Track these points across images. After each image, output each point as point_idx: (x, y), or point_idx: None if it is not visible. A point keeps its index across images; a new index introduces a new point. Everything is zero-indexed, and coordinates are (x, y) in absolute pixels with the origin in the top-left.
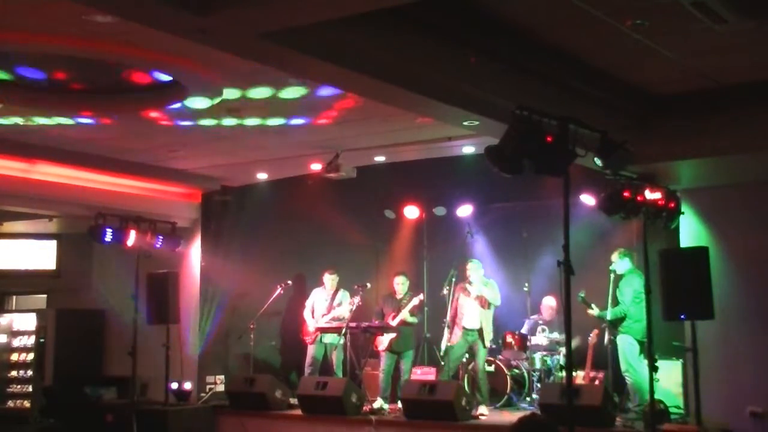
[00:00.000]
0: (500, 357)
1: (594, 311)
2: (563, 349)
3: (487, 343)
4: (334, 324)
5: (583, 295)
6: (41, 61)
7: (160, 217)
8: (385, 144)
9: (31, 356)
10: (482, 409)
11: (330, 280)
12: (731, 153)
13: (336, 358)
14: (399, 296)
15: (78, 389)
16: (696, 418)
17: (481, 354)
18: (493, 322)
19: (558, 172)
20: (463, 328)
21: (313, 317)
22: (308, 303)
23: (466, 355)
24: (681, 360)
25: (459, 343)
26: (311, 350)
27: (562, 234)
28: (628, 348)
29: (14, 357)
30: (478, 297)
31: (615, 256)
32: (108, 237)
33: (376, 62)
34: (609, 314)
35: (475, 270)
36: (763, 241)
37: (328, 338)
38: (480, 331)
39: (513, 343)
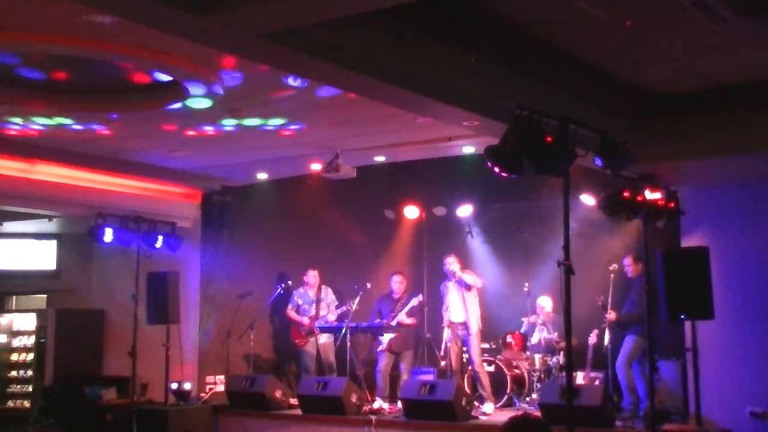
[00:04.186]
0: (500, 357)
1: (611, 315)
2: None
3: (474, 328)
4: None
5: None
6: (41, 61)
7: (160, 217)
8: (385, 144)
9: (31, 356)
10: (486, 407)
11: (314, 276)
12: (731, 153)
13: (330, 356)
14: (396, 296)
15: (78, 389)
16: (696, 418)
17: (473, 344)
18: (489, 318)
19: (558, 172)
20: (451, 322)
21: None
22: (291, 306)
23: (465, 355)
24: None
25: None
26: (305, 353)
27: (562, 234)
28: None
29: (14, 357)
30: (457, 284)
31: (629, 261)
32: (108, 237)
33: (376, 62)
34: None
35: (450, 265)
36: (763, 241)
37: (323, 338)
38: (465, 324)
39: (513, 343)
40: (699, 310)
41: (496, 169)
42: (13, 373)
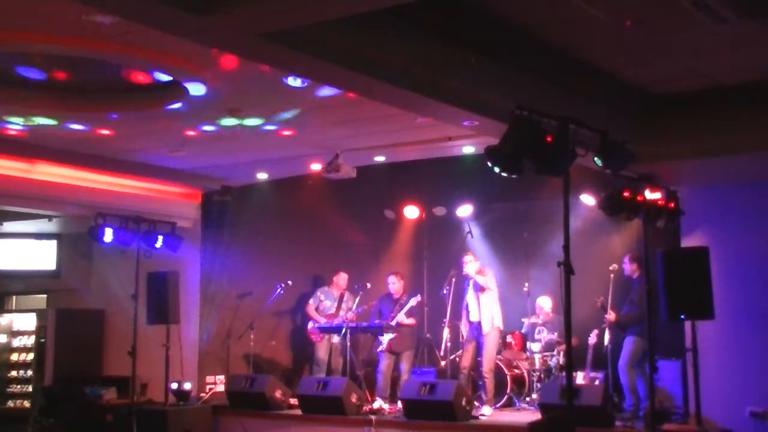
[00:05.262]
0: (500, 357)
1: (611, 315)
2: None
3: (486, 329)
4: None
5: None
6: (41, 61)
7: (160, 217)
8: (385, 144)
9: (31, 356)
10: (485, 410)
11: (344, 279)
12: (731, 153)
13: (339, 360)
14: (396, 296)
15: (78, 389)
16: (696, 418)
17: (487, 347)
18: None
19: (558, 172)
20: (468, 322)
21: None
22: (313, 301)
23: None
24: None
25: (467, 338)
26: (319, 349)
27: (562, 234)
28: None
29: (14, 357)
30: (473, 286)
31: (626, 260)
32: (108, 237)
33: (376, 62)
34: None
35: (466, 265)
36: (763, 241)
37: (337, 338)
38: (479, 324)
39: (513, 343)
40: (699, 310)
41: (496, 169)
42: (13, 373)
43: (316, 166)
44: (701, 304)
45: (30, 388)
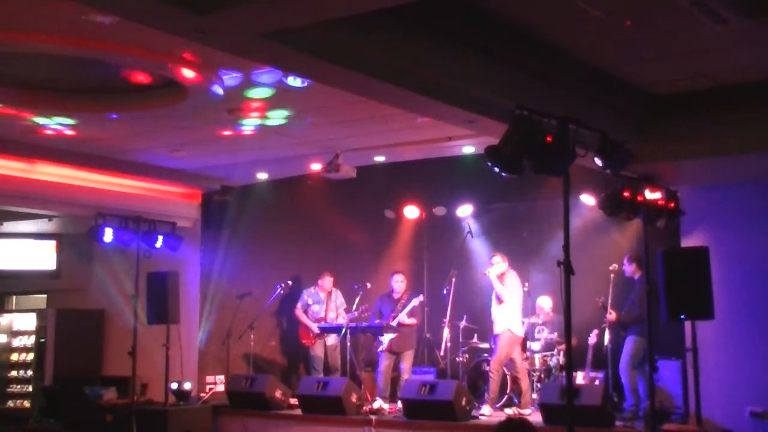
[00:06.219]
0: None
1: (612, 315)
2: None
3: (498, 330)
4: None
5: (602, 300)
6: (41, 61)
7: (160, 217)
8: (385, 144)
9: (31, 356)
10: (484, 410)
11: (329, 282)
12: (731, 153)
13: (338, 358)
14: (397, 296)
15: (78, 389)
16: (696, 418)
17: (498, 346)
18: (489, 318)
19: (558, 172)
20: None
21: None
22: (300, 305)
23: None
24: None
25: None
26: (314, 349)
27: (562, 234)
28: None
29: (14, 357)
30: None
31: (625, 260)
32: (108, 237)
33: (376, 62)
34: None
35: (489, 267)
36: (763, 241)
37: (331, 340)
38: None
39: None
40: (699, 310)
41: (496, 169)
42: (13, 373)
43: (316, 166)
44: (701, 304)
45: (30, 388)
